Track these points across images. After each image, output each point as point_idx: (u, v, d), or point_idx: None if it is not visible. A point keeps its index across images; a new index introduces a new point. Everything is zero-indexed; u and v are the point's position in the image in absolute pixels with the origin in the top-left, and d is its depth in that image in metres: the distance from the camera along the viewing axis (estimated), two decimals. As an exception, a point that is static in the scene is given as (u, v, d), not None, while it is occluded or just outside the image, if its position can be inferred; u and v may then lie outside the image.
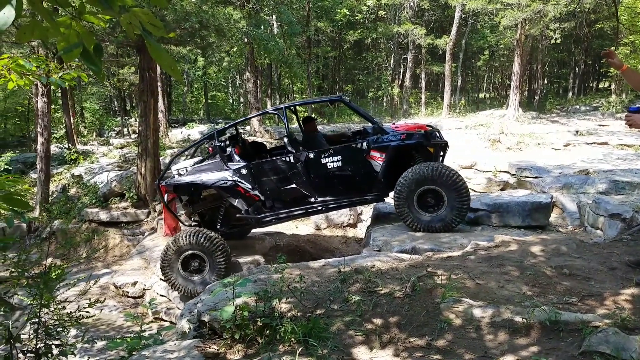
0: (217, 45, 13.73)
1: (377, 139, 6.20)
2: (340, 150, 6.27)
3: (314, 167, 6.28)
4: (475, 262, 3.92)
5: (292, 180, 6.34)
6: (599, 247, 4.25)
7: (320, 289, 3.54)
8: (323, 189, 6.36)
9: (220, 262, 6.21)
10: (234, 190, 6.36)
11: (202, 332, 3.24)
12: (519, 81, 20.49)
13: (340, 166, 6.23)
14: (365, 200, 6.48)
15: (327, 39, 28.89)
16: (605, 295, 3.15)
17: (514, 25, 20.18)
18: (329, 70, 34.98)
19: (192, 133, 18.69)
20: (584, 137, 14.68)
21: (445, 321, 2.93)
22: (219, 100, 31.74)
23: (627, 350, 2.36)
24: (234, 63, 21.63)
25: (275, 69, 25.91)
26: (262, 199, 6.44)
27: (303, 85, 25.24)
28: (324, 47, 28.29)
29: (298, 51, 23.41)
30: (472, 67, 34.75)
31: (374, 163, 6.18)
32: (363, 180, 6.27)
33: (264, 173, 6.41)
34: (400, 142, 6.14)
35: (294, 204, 6.45)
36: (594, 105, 23.31)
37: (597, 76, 35.84)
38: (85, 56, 1.41)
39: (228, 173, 6.34)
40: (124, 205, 11.21)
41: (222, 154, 6.51)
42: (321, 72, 32.74)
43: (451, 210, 5.83)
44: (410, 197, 5.90)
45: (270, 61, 20.06)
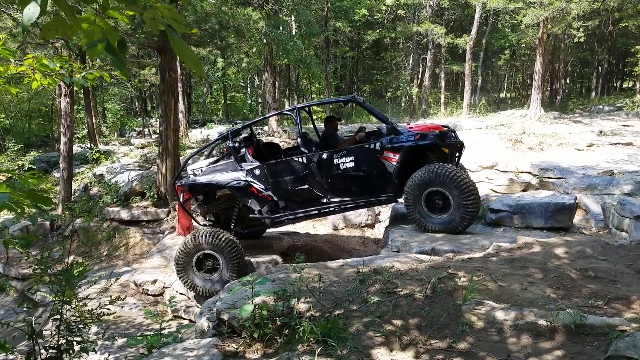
0: (237, 46, 13.82)
1: (390, 140, 6.13)
2: (353, 150, 6.22)
3: (327, 168, 6.23)
4: (497, 264, 3.86)
5: (305, 180, 6.32)
6: (624, 249, 4.14)
7: (339, 289, 3.52)
8: (336, 190, 6.32)
9: (233, 261, 6.21)
10: (247, 191, 6.37)
11: (221, 330, 3.25)
12: (541, 81, 20.13)
13: (353, 167, 6.18)
14: (378, 201, 6.42)
15: (346, 39, 28.85)
16: (633, 298, 3.06)
17: (535, 24, 19.84)
18: (347, 71, 34.91)
19: (211, 133, 18.84)
20: (608, 137, 14.33)
21: (466, 323, 2.88)
22: (238, 101, 31.94)
23: (655, 355, 2.29)
24: (252, 64, 21.74)
25: (293, 69, 25.95)
26: (275, 199, 6.43)
27: (321, 85, 25.25)
28: (342, 48, 28.25)
29: (316, 51, 23.42)
30: (493, 67, 34.27)
31: (387, 164, 6.12)
32: (376, 181, 6.21)
33: (277, 173, 6.38)
34: (414, 142, 6.06)
35: (307, 204, 6.42)
36: (618, 105, 22.77)
37: (621, 75, 35.03)
38: (110, 51, 1.42)
39: (241, 173, 6.36)
40: (144, 204, 11.34)
41: (235, 154, 6.53)
42: (339, 72, 32.70)
43: (458, 212, 5.74)
44: (418, 199, 5.88)
45: (289, 62, 20.09)
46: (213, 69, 25.59)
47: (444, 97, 26.88)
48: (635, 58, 23.44)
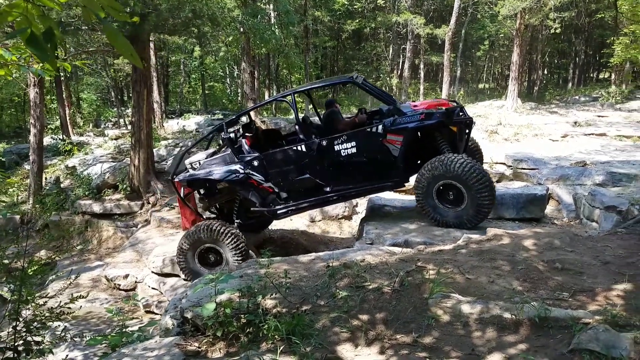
0: (212, 35, 13.54)
1: (393, 121, 5.75)
2: (354, 135, 5.89)
3: (328, 155, 5.93)
4: (467, 256, 3.85)
5: (306, 169, 6.05)
6: (592, 240, 4.17)
7: (308, 284, 3.47)
8: (338, 178, 6.03)
9: (236, 254, 6.05)
10: (246, 184, 6.14)
11: (184, 329, 3.18)
12: (518, 71, 20.32)
13: (355, 152, 5.86)
14: (383, 186, 6.11)
15: (325, 29, 28.60)
16: (597, 290, 3.08)
17: (513, 15, 19.96)
18: (328, 61, 34.72)
19: (187, 124, 18.54)
20: (583, 128, 14.57)
21: (432, 317, 2.87)
22: (217, 90, 31.50)
23: (617, 348, 2.30)
24: (230, 53, 21.40)
25: (272, 59, 25.69)
26: (277, 191, 6.20)
27: (301, 75, 25.03)
28: (322, 37, 28.00)
29: (296, 41, 23.18)
30: (472, 58, 34.48)
31: (391, 147, 5.75)
32: (380, 166, 5.88)
33: (276, 163, 6.11)
34: (419, 122, 5.69)
35: (309, 194, 6.17)
36: (594, 96, 23.14)
37: (597, 67, 35.59)
38: (31, 40, 1.31)
39: (239, 166, 6.11)
40: (117, 197, 11.13)
41: (232, 145, 6.27)
42: (320, 62, 32.47)
43: (472, 206, 5.40)
44: (430, 192, 5.58)
45: (267, 51, 19.85)
46: (190, 58, 25.16)
47: (423, 87, 26.97)
48: (611, 49, 23.80)
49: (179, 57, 25.11)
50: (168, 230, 9.34)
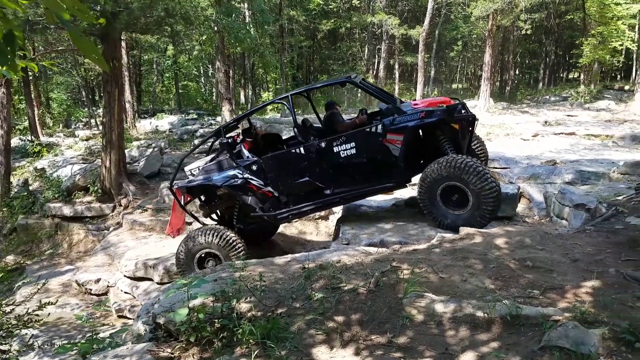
0: (186, 33, 13.35)
1: (393, 121, 5.64)
2: (354, 136, 5.77)
3: (327, 157, 5.83)
4: (440, 255, 3.89)
5: (305, 172, 5.92)
6: (562, 238, 4.27)
7: (284, 287, 3.45)
8: (339, 180, 5.91)
9: (234, 258, 5.88)
10: (245, 189, 6.02)
11: (157, 335, 3.11)
12: (490, 72, 20.70)
13: (354, 153, 5.75)
14: (385, 187, 6.00)
15: (301, 28, 28.60)
16: (567, 288, 3.15)
17: (485, 16, 20.33)
18: (304, 60, 34.70)
19: (161, 124, 18.26)
20: (553, 127, 14.93)
21: (407, 317, 2.88)
22: (191, 90, 31.11)
23: (585, 344, 2.35)
24: (204, 52, 21.17)
25: (248, 58, 25.52)
26: (276, 195, 6.09)
27: (277, 75, 24.94)
28: (297, 37, 27.98)
29: (271, 40, 23.09)
30: (445, 58, 34.97)
31: (391, 147, 5.64)
32: (381, 166, 5.78)
33: (275, 167, 5.99)
34: (419, 121, 5.57)
35: (309, 197, 6.06)
36: (564, 96, 23.75)
37: (566, 67, 36.57)
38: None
39: (238, 170, 5.97)
40: (88, 200, 10.88)
41: (230, 150, 6.15)
42: (296, 61, 32.42)
43: (477, 209, 5.27)
44: (433, 194, 5.45)
45: (242, 50, 19.70)
46: (163, 57, 24.78)
47: (398, 88, 27.21)
48: (579, 50, 24.47)
49: (152, 56, 24.71)
50: (141, 233, 9.18)
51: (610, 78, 30.83)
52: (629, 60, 27.15)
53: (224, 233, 5.97)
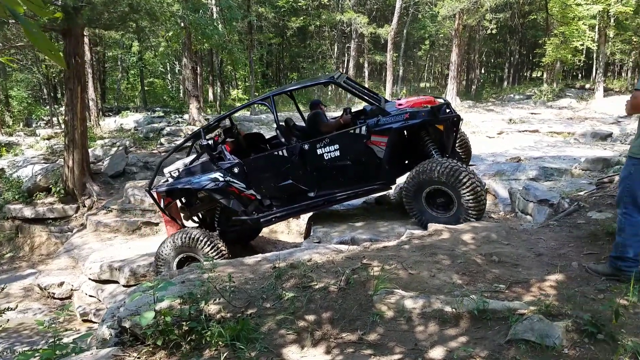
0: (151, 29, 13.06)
1: (377, 122, 5.57)
2: (337, 138, 5.68)
3: (310, 160, 5.73)
4: (409, 252, 3.92)
5: (288, 175, 5.82)
6: (527, 233, 4.38)
7: (254, 287, 3.41)
8: (323, 182, 5.83)
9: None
10: (227, 192, 5.87)
11: (123, 339, 3.03)
12: (457, 71, 21.10)
13: (338, 156, 5.66)
14: (370, 189, 5.92)
15: (270, 25, 28.43)
16: (532, 281, 3.23)
17: (452, 16, 20.71)
18: (274, 57, 34.53)
19: (126, 122, 17.82)
20: (517, 125, 15.33)
21: (377, 314, 2.89)
22: (157, 87, 30.45)
23: (550, 336, 2.40)
24: (171, 48, 20.78)
25: (216, 55, 25.18)
26: (259, 198, 5.97)
27: (245, 72, 24.70)
28: (266, 34, 27.81)
29: (240, 37, 22.85)
30: (414, 57, 35.43)
31: (376, 149, 5.57)
32: (366, 168, 5.70)
33: (257, 170, 5.86)
34: (404, 122, 5.50)
35: (293, 200, 5.96)
36: (527, 94, 24.43)
37: (530, 66, 37.63)
38: None
39: (219, 173, 5.83)
40: (50, 201, 10.51)
41: (210, 152, 5.98)
42: (265, 59, 32.22)
43: (463, 210, 5.25)
44: (418, 198, 5.41)
45: (210, 47, 19.42)
46: (128, 54, 24.17)
47: (367, 86, 27.35)
48: (542, 49, 25.21)
49: (117, 52, 24.08)
50: (106, 234, 8.95)
51: (572, 77, 31.95)
52: (589, 59, 28.17)
53: (203, 235, 5.82)
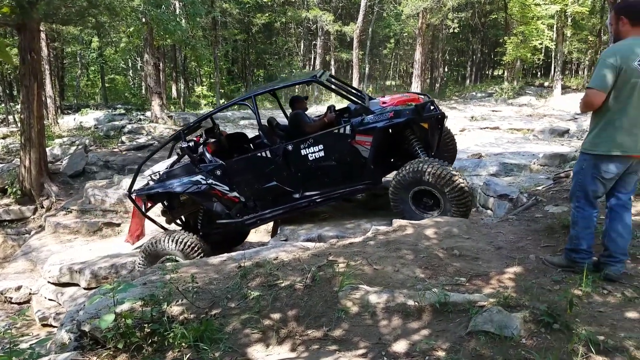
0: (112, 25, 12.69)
1: (361, 121, 5.49)
2: (321, 138, 5.59)
3: (294, 160, 5.64)
4: (375, 247, 3.97)
5: (272, 176, 5.71)
6: (487, 227, 4.51)
7: (218, 287, 3.37)
8: (307, 183, 5.74)
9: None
10: (209, 195, 5.74)
11: (83, 343, 2.94)
12: (421, 69, 21.47)
13: (323, 156, 5.58)
14: (356, 190, 5.82)
15: (235, 22, 28.11)
16: (491, 274, 3.32)
17: (415, 14, 21.02)
18: (239, 54, 34.17)
19: (85, 120, 17.28)
20: (479, 122, 15.72)
21: (342, 310, 2.91)
22: (118, 84, 29.63)
23: (509, 327, 2.48)
24: (132, 44, 20.26)
25: (179, 50, 24.70)
26: (243, 200, 5.84)
27: (210, 68, 24.34)
28: (231, 30, 27.47)
29: (204, 33, 22.49)
30: (379, 55, 35.81)
31: (361, 148, 5.50)
32: (351, 168, 5.63)
33: (240, 171, 5.74)
34: (388, 121, 5.43)
35: (278, 202, 5.85)
36: (489, 92, 25.09)
37: (492, 64, 38.66)
38: None
39: (201, 176, 5.68)
40: (6, 202, 10.11)
41: (191, 155, 5.81)
42: (230, 55, 31.86)
43: (449, 210, 5.19)
44: (405, 199, 5.35)
45: (173, 42, 19.05)
46: (88, 50, 23.43)
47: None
48: (503, 48, 25.93)
49: (75, 48, 23.30)
50: (65, 236, 8.68)
51: (532, 75, 33.05)
52: (548, 58, 29.21)
53: (185, 238, 5.68)
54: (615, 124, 3.01)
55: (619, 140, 3.00)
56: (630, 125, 2.98)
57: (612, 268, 3.16)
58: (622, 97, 2.96)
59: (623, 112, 2.98)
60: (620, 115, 2.99)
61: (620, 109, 2.98)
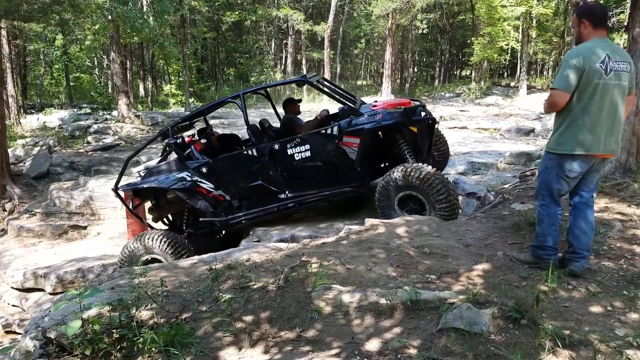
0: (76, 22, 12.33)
1: (349, 123, 5.47)
2: (309, 138, 5.58)
3: (281, 160, 5.63)
4: (347, 247, 3.99)
5: (258, 175, 5.68)
6: (456, 225, 4.59)
7: (189, 290, 3.32)
8: (294, 184, 5.71)
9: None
10: (194, 192, 5.66)
11: (48, 350, 2.85)
12: (391, 69, 21.70)
13: (309, 156, 5.55)
14: (342, 192, 5.74)
15: (204, 19, 27.76)
16: (461, 271, 3.39)
17: (385, 15, 21.22)
18: (209, 52, 33.77)
19: (49, 120, 16.76)
20: (447, 122, 15.98)
21: (315, 310, 2.91)
22: (84, 82, 28.82)
23: (478, 324, 2.53)
24: (98, 42, 19.74)
25: (147, 49, 24.22)
26: (228, 199, 5.79)
27: (179, 66, 23.96)
28: (200, 28, 27.11)
29: (172, 31, 22.14)
30: (350, 55, 36.02)
31: (348, 150, 5.46)
32: (337, 170, 5.60)
33: (226, 170, 5.71)
34: (376, 124, 5.42)
35: (263, 201, 5.80)
36: (457, 92, 25.55)
37: (460, 65, 39.42)
38: None
39: (186, 173, 5.64)
40: (-36, 205, 9.70)
41: (178, 151, 5.76)
42: (200, 53, 31.45)
43: (435, 214, 5.14)
44: (391, 204, 5.31)
45: (140, 40, 18.67)
46: (52, 47, 22.71)
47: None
48: (470, 49, 26.46)
49: (39, 46, 22.56)
50: (29, 239, 8.44)
51: (498, 75, 33.85)
52: (514, 58, 29.97)
53: (166, 237, 5.55)
54: (578, 123, 3.10)
55: (582, 139, 3.10)
56: (592, 125, 3.08)
57: (576, 264, 3.27)
58: (585, 98, 3.06)
59: (585, 112, 3.07)
60: (583, 115, 3.08)
61: (582, 109, 3.08)
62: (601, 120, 3.08)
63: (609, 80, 3.03)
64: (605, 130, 3.10)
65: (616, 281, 3.24)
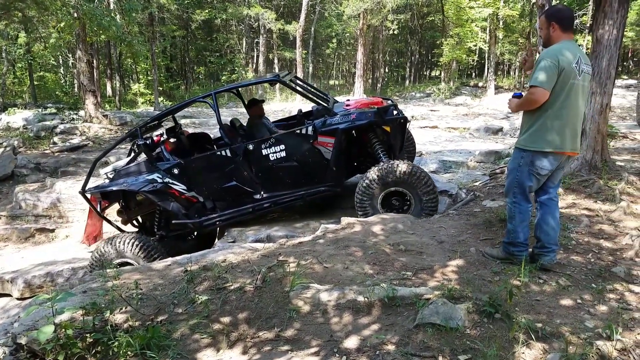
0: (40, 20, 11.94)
1: (324, 122, 5.51)
2: (283, 138, 5.58)
3: (255, 160, 5.59)
4: (324, 246, 4.01)
5: (232, 176, 5.62)
6: (430, 222, 4.67)
7: (164, 292, 3.27)
8: (269, 184, 5.68)
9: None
10: (165, 194, 5.53)
11: (19, 356, 2.76)
12: (363, 69, 21.84)
13: (284, 157, 5.55)
14: (318, 192, 5.74)
15: (173, 17, 27.31)
16: (435, 267, 3.45)
17: (357, 15, 21.34)
18: (178, 50, 33.24)
19: (13, 120, 16.16)
20: (418, 121, 16.19)
21: (294, 309, 2.92)
22: (49, 81, 27.92)
23: (454, 319, 2.58)
24: (63, 40, 19.15)
25: (114, 47, 23.66)
26: (202, 200, 5.68)
27: (148, 65, 23.50)
28: (169, 26, 26.67)
29: (140, 29, 21.70)
30: (322, 55, 36.07)
31: (323, 150, 5.50)
32: (313, 170, 5.61)
33: (199, 171, 5.61)
34: (350, 123, 5.47)
35: (238, 202, 5.72)
36: (427, 92, 25.90)
37: (429, 65, 40.01)
38: None
39: (157, 174, 5.51)
40: None
41: (148, 152, 5.61)
42: (169, 52, 30.93)
43: (419, 210, 5.21)
44: (374, 202, 5.31)
45: (107, 38, 18.22)
46: (14, 45, 21.92)
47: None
48: (440, 50, 26.89)
49: (0, 43, 21.70)
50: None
51: (467, 75, 34.54)
52: (482, 59, 30.61)
53: (138, 240, 5.44)
54: (551, 122, 3.18)
55: (554, 137, 3.19)
56: (564, 124, 3.18)
57: (546, 258, 3.38)
58: (561, 97, 3.14)
59: (560, 111, 3.16)
60: (557, 114, 3.16)
61: (559, 108, 3.16)
62: (571, 119, 3.19)
63: (579, 81, 3.15)
64: (573, 129, 3.21)
65: (585, 275, 3.36)
